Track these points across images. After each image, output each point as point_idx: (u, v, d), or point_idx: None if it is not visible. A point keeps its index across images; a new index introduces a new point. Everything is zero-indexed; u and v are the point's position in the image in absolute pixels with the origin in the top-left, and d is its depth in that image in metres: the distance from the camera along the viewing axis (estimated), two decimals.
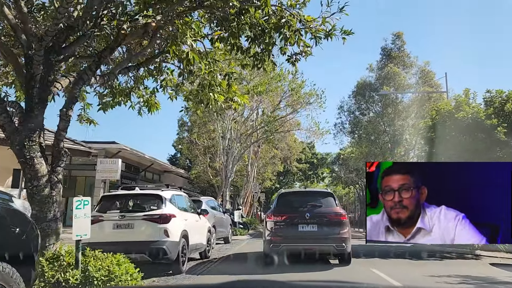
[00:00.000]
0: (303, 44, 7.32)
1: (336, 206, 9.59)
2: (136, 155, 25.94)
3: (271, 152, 33.77)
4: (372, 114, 27.90)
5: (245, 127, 22.69)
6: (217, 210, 16.25)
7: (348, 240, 9.11)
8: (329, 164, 49.02)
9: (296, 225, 9.14)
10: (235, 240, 18.20)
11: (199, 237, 9.99)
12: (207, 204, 14.99)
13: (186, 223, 8.92)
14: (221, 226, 15.82)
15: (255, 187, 29.27)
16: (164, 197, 8.36)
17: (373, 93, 26.92)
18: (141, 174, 31.32)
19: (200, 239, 10.04)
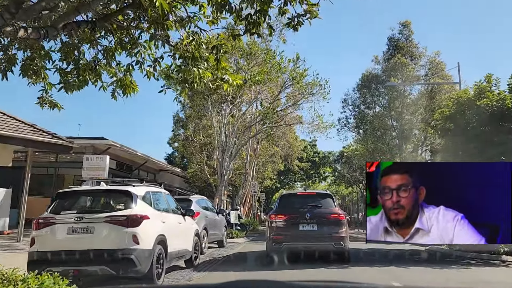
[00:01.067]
0: (307, 2, 5.70)
1: (334, 206, 10.10)
2: (127, 152, 24.36)
3: (271, 150, 32.12)
4: (378, 108, 26.20)
5: (242, 121, 21.02)
6: (210, 211, 14.62)
7: (346, 238, 9.56)
8: (332, 162, 47.28)
9: (297, 225, 9.62)
10: (231, 243, 16.58)
11: (182, 243, 8.36)
12: (198, 204, 13.37)
13: (164, 226, 7.29)
14: (214, 228, 14.19)
15: (254, 186, 27.60)
16: (135, 194, 6.72)
17: (380, 85, 25.19)
18: (134, 173, 29.78)
19: (183, 244, 8.41)
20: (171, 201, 8.68)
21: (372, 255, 11.61)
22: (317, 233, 9.49)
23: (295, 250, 9.58)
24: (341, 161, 41.25)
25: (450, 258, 11.42)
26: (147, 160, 29.41)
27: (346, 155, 36.28)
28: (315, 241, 9.46)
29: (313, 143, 50.37)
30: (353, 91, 27.04)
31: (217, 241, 14.83)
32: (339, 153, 43.31)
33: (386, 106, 25.05)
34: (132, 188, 6.91)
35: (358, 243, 12.54)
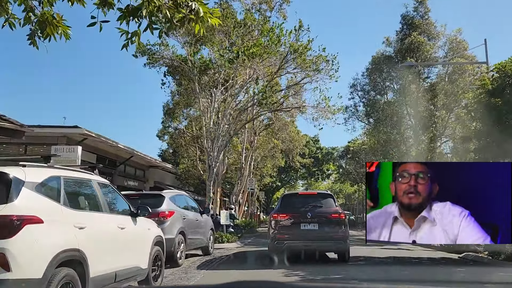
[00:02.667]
0: None
1: (335, 206, 10.23)
2: (107, 143, 21.42)
3: (270, 143, 29.10)
4: (391, 94, 23.17)
5: (235, 106, 17.95)
6: (192, 210, 11.66)
7: (346, 238, 9.66)
8: (336, 159, 44.22)
9: (299, 224, 9.75)
10: (220, 249, 13.61)
11: (126, 258, 5.41)
12: (173, 201, 10.39)
13: (84, 234, 4.36)
14: (196, 232, 11.22)
15: (251, 182, 24.57)
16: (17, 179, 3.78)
17: (393, 68, 22.06)
18: (119, 169, 26.91)
19: (127, 260, 5.45)
20: (107, 193, 5.68)
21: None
22: (318, 232, 9.60)
23: (295, 249, 9.62)
24: (347, 157, 38.18)
25: None
26: (133, 154, 26.52)
27: (353, 149, 33.22)
28: (316, 240, 9.56)
29: (316, 139, 47.43)
30: (362, 76, 23.98)
31: (202, 247, 11.90)
32: (344, 149, 40.25)
33: (401, 90, 21.88)
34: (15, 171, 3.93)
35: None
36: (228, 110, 16.66)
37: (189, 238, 10.50)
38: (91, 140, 20.32)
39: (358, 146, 31.31)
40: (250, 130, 25.88)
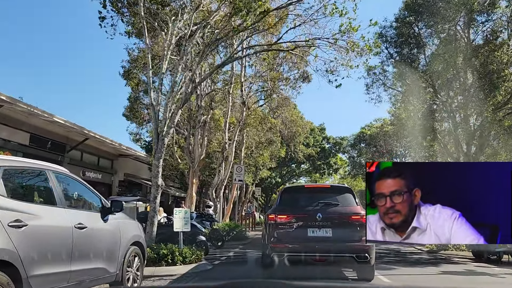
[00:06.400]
0: None
1: (356, 204, 7.77)
2: (37, 115, 15.04)
3: (268, 123, 22.60)
4: (433, 48, 16.56)
5: (201, 34, 11.28)
6: (71, 205, 5.18)
7: (372, 249, 7.34)
8: (346, 149, 37.61)
9: (305, 229, 7.48)
10: (160, 276, 7.15)
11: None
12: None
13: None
14: (72, 256, 4.71)
15: (239, 171, 18.03)
16: None
17: (437, 11, 15.48)
18: (70, 155, 20.54)
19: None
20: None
21: None
22: (333, 240, 7.21)
23: (299, 263, 7.42)
24: (360, 145, 31.59)
25: None
26: (87, 136, 20.11)
27: (370, 135, 26.61)
28: (330, 251, 7.17)
29: (321, 127, 40.98)
30: (390, 28, 17.33)
31: (105, 281, 5.49)
32: (357, 136, 33.65)
33: (452, 39, 15.20)
34: None
35: None
36: (192, 41, 10.04)
37: (37, 275, 4.05)
38: (15, 112, 14.50)
39: (378, 130, 24.76)
40: (239, 104, 19.44)
